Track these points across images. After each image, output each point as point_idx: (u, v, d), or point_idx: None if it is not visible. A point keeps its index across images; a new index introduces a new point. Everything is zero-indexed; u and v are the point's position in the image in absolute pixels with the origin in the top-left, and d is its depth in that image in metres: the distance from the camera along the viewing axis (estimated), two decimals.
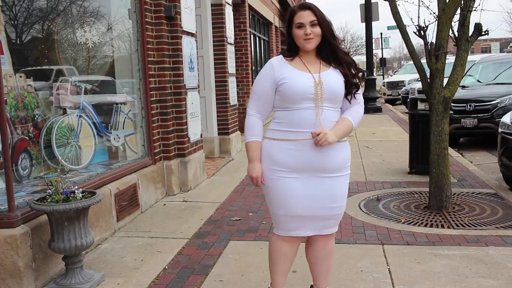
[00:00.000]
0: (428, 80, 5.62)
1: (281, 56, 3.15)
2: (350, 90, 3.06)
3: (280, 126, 3.06)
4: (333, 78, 3.02)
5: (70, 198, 3.72)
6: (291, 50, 3.12)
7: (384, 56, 44.92)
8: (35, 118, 4.78)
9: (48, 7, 5.31)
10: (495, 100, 10.17)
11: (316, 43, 3.03)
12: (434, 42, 5.51)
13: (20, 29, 5.01)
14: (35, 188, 4.53)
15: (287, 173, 3.03)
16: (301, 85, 2.97)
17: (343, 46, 3.17)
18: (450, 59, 7.46)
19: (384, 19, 16.40)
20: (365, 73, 3.25)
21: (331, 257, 3.35)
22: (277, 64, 3.09)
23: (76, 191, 3.78)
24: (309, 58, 3.08)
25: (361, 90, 3.17)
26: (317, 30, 3.00)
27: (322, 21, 3.01)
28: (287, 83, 2.99)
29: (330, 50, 3.07)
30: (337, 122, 3.03)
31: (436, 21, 5.54)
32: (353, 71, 3.08)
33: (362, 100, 3.17)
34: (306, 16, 3.00)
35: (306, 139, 2.97)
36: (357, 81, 3.08)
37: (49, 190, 3.76)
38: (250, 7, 12.58)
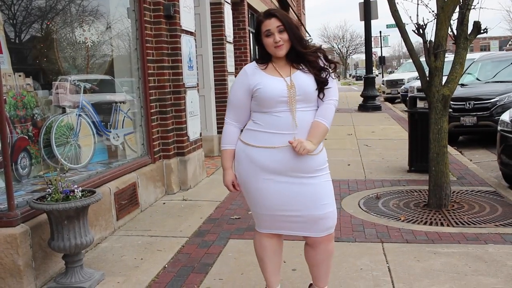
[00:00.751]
0: (427, 78, 5.63)
1: (254, 63, 3.19)
2: (319, 87, 3.07)
3: (258, 127, 3.09)
4: (303, 78, 3.05)
5: (70, 197, 3.72)
6: (264, 58, 3.15)
7: (383, 55, 44.88)
8: (35, 117, 4.79)
9: (47, 6, 5.31)
10: (494, 98, 10.17)
11: (287, 49, 3.05)
12: (433, 40, 5.52)
13: (19, 28, 5.01)
14: (34, 187, 4.53)
15: (269, 175, 3.06)
16: (274, 89, 3.01)
17: (311, 43, 3.19)
18: (449, 57, 7.48)
19: (383, 18, 16.39)
20: (336, 64, 3.23)
21: (331, 258, 3.34)
22: (251, 72, 3.13)
23: (75, 190, 3.78)
24: (280, 63, 3.11)
25: (335, 84, 3.16)
26: (285, 36, 3.03)
27: (288, 27, 3.03)
28: (262, 89, 3.03)
29: (296, 52, 3.08)
30: (311, 127, 3.04)
31: (435, 20, 5.54)
32: (320, 65, 3.09)
33: (335, 94, 3.14)
34: (272, 24, 3.02)
35: (282, 146, 3.01)
36: (324, 76, 3.08)
37: (49, 189, 3.76)
38: (249, 6, 12.57)
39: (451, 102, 8.80)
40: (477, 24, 5.55)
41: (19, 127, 4.57)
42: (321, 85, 3.06)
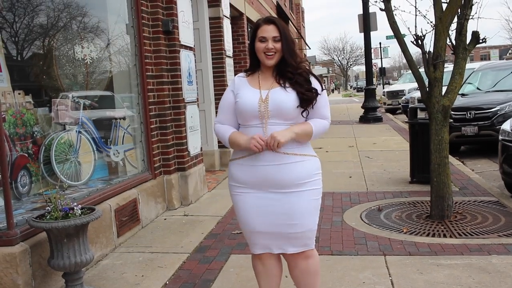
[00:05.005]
0: (427, 89, 5.62)
1: (244, 73, 3.19)
2: (303, 105, 3.00)
3: None
4: (281, 95, 2.98)
5: (69, 214, 3.70)
6: (253, 65, 3.13)
7: (383, 66, 44.93)
8: (34, 135, 4.78)
9: (46, 24, 5.33)
10: (495, 107, 10.16)
11: (277, 60, 3.02)
12: (432, 51, 5.52)
13: (18, 46, 5.02)
14: (34, 205, 4.51)
15: (243, 189, 3.07)
16: (248, 102, 3.00)
17: (305, 64, 3.12)
18: (449, 67, 7.48)
19: (382, 29, 16.47)
20: (317, 92, 3.05)
21: (311, 276, 3.21)
22: (238, 81, 3.14)
23: (75, 208, 3.76)
24: (266, 74, 3.09)
25: (326, 104, 3.11)
26: (279, 45, 3.00)
27: (283, 38, 3.00)
28: (239, 101, 3.04)
29: (284, 67, 3.03)
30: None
31: (433, 30, 5.55)
32: (308, 84, 3.02)
33: (327, 116, 3.12)
34: (270, 31, 3.00)
35: (248, 155, 3.02)
36: (310, 96, 3.00)
37: (48, 207, 3.75)
38: (248, 20, 12.61)
39: (452, 112, 8.78)
40: (475, 34, 5.56)
41: (19, 145, 4.56)
42: (305, 104, 3.00)
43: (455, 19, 5.50)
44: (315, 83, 3.05)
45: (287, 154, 2.98)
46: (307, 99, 2.99)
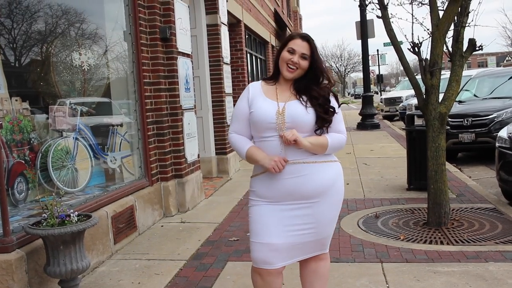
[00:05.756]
0: (424, 96, 5.63)
1: (260, 81, 3.17)
2: (319, 124, 2.99)
3: None
4: (297, 108, 2.98)
5: (66, 221, 3.69)
6: (274, 75, 3.13)
7: (381, 73, 44.98)
8: (31, 142, 4.78)
9: (44, 31, 5.33)
10: (492, 114, 10.18)
11: (296, 76, 3.03)
12: (429, 58, 5.53)
13: (16, 53, 5.02)
14: (31, 212, 4.51)
15: (263, 201, 3.04)
16: (264, 113, 2.98)
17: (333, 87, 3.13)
18: (446, 74, 7.49)
19: (380, 36, 16.58)
20: (335, 110, 3.05)
21: (319, 278, 3.25)
22: (253, 90, 3.10)
23: (71, 215, 3.76)
24: (284, 86, 3.08)
25: (341, 120, 3.10)
26: (304, 64, 3.00)
27: (313, 58, 3.01)
28: (254, 112, 3.01)
29: (305, 84, 3.03)
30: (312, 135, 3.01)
31: (430, 38, 5.56)
32: (329, 105, 3.02)
33: (342, 130, 3.10)
34: (301, 46, 3.00)
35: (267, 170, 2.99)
36: (328, 119, 3.01)
37: (45, 214, 3.74)
38: (246, 27, 12.64)
39: (449, 119, 8.81)
40: (472, 42, 5.57)
41: (16, 152, 4.56)
42: (322, 124, 3.00)
43: (452, 27, 5.52)
44: (333, 102, 3.06)
45: (307, 163, 2.97)
46: (324, 119, 2.99)
